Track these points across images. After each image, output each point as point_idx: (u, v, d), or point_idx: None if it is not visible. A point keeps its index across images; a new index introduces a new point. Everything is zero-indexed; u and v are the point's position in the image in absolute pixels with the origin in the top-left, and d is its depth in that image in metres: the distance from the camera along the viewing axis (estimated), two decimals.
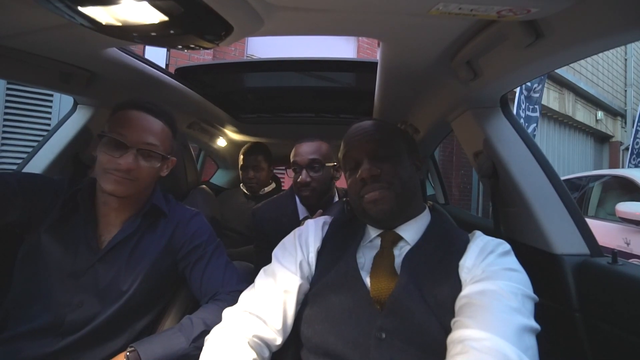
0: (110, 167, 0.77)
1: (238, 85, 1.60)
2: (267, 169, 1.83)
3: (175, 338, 0.75)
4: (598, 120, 8.12)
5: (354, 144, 0.76)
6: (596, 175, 3.75)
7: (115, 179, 0.77)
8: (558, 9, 0.54)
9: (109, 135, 0.78)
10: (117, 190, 0.78)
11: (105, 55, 0.91)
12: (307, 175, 1.20)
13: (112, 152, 0.77)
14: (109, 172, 0.77)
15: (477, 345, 0.49)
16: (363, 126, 0.78)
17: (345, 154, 0.78)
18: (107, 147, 0.78)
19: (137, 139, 0.79)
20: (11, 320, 0.75)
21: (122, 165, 0.76)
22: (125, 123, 0.79)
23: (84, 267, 0.77)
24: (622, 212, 2.80)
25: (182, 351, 0.73)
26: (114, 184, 0.77)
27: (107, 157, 0.77)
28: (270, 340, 0.66)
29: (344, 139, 0.79)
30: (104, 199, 0.83)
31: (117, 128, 0.79)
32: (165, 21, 0.55)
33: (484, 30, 0.69)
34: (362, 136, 0.75)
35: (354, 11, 0.61)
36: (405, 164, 0.74)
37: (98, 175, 0.79)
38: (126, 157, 0.77)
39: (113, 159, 0.77)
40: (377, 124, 0.78)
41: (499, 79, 0.80)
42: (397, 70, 0.93)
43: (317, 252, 0.75)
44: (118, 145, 0.78)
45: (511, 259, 0.64)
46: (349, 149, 0.77)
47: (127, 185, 0.79)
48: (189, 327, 0.76)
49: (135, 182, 0.80)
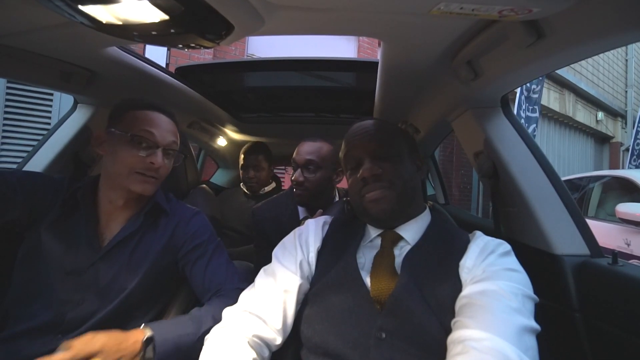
0: (139, 167, 0.77)
1: (238, 85, 1.60)
2: (268, 169, 1.83)
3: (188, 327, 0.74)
4: (598, 121, 8.11)
5: (355, 143, 0.76)
6: (596, 176, 3.75)
7: (144, 179, 0.78)
8: (559, 9, 0.54)
9: (138, 135, 0.78)
10: (146, 190, 0.79)
11: (106, 54, 0.91)
12: (300, 175, 1.19)
13: (139, 151, 0.78)
14: (138, 173, 0.78)
15: (478, 346, 0.49)
16: (364, 125, 0.77)
17: (346, 153, 0.78)
18: (131, 146, 0.77)
19: (163, 138, 0.81)
20: (11, 319, 0.75)
21: (154, 165, 0.78)
22: (150, 123, 0.80)
23: (86, 264, 0.77)
24: (622, 213, 2.80)
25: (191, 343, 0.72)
26: (143, 184, 0.79)
27: (135, 157, 0.77)
28: (270, 340, 0.66)
29: (345, 138, 0.79)
30: (111, 197, 0.82)
31: (141, 128, 0.79)
32: (166, 20, 0.55)
33: (485, 30, 0.69)
34: (364, 135, 0.75)
35: (355, 10, 0.61)
36: (406, 163, 0.74)
37: (121, 175, 0.78)
38: (156, 156, 0.79)
39: (142, 159, 0.78)
40: (378, 124, 0.78)
41: (500, 78, 0.80)
42: (398, 70, 0.93)
43: (317, 251, 0.75)
44: (145, 145, 0.78)
45: (511, 259, 0.64)
46: (350, 148, 0.77)
47: (154, 185, 0.81)
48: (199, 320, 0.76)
49: (158, 181, 0.82)
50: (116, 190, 0.81)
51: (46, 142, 1.13)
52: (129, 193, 0.80)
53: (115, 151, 0.78)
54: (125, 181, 0.78)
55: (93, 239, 0.80)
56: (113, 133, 0.79)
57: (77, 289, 0.76)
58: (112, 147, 0.79)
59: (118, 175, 0.79)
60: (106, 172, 0.83)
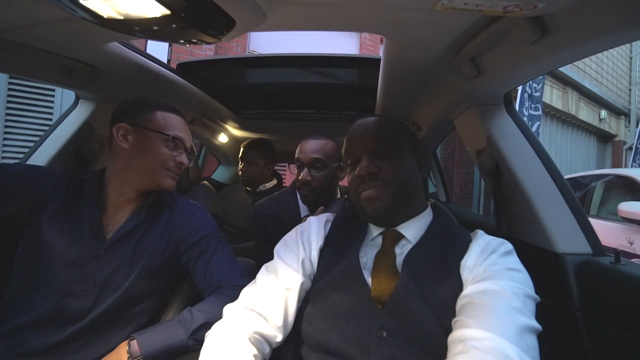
0: (170, 164, 0.86)
1: (240, 81, 1.60)
2: (263, 166, 1.81)
3: (175, 330, 0.75)
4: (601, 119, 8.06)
5: (355, 140, 0.76)
6: (599, 175, 3.73)
7: (172, 175, 0.87)
8: (565, 5, 0.53)
9: (177, 138, 0.87)
10: (171, 186, 0.88)
11: (107, 50, 0.90)
12: (308, 174, 1.18)
13: (172, 150, 0.86)
14: (169, 169, 0.86)
15: (478, 345, 0.48)
16: (365, 122, 0.77)
17: (346, 150, 0.78)
18: (166, 145, 0.85)
19: (188, 142, 0.91)
20: (12, 311, 0.75)
21: (185, 164, 0.89)
22: (178, 127, 0.89)
23: (90, 256, 0.78)
24: (624, 212, 2.78)
25: (181, 343, 0.74)
26: (171, 179, 0.88)
27: (168, 155, 0.85)
28: (271, 337, 0.66)
29: (347, 135, 0.79)
30: (122, 189, 0.84)
31: (172, 130, 0.87)
32: (168, 15, 0.55)
33: (488, 27, 0.68)
34: (363, 132, 0.75)
35: (358, 6, 0.61)
36: (405, 161, 0.73)
37: (153, 169, 0.84)
38: (183, 157, 0.89)
39: (173, 158, 0.86)
40: (379, 121, 0.77)
41: (503, 76, 0.79)
42: (400, 67, 0.93)
43: (319, 250, 0.75)
44: (177, 146, 0.87)
45: (513, 259, 0.63)
46: (350, 144, 0.76)
47: (175, 180, 0.90)
48: (189, 320, 0.77)
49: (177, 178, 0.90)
50: (131, 183, 0.84)
51: (48, 137, 1.13)
52: (149, 187, 0.85)
53: (147, 147, 0.84)
54: (156, 175, 0.85)
55: (98, 231, 0.80)
56: (146, 130, 0.84)
57: (79, 280, 0.76)
58: (143, 143, 0.83)
59: (147, 169, 0.84)
60: (125, 166, 0.83)
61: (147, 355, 0.71)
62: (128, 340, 0.73)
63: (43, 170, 0.85)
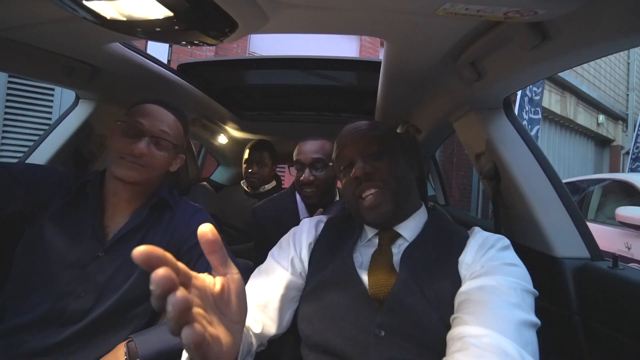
0: (124, 152, 0.80)
1: (240, 82, 1.60)
2: (271, 167, 1.83)
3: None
4: (599, 124, 8.11)
5: (347, 143, 0.76)
6: (596, 179, 3.75)
7: (127, 165, 0.80)
8: (565, 11, 0.53)
9: (126, 121, 0.81)
10: (127, 176, 0.80)
11: (108, 50, 0.90)
12: (310, 174, 1.20)
13: (128, 138, 0.81)
14: (122, 157, 0.80)
15: (477, 342, 0.48)
16: (355, 126, 0.78)
17: (338, 154, 0.78)
18: (123, 133, 0.81)
19: (151, 127, 0.82)
20: (8, 312, 0.75)
21: (136, 150, 0.79)
22: (142, 113, 0.83)
23: (90, 256, 0.78)
24: (621, 217, 2.80)
25: (179, 345, 0.73)
26: (126, 169, 0.80)
27: (122, 143, 0.80)
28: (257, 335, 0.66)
29: (337, 139, 0.79)
30: (114, 188, 0.83)
31: (134, 117, 0.82)
32: (170, 17, 0.55)
33: (489, 31, 0.68)
34: (355, 135, 0.75)
35: (360, 10, 0.61)
36: (399, 162, 0.74)
37: (111, 161, 0.81)
38: (141, 143, 0.80)
39: (127, 146, 0.80)
40: (369, 124, 0.78)
41: (503, 80, 0.80)
42: (400, 70, 0.93)
43: (309, 249, 0.75)
44: (134, 133, 0.81)
45: (510, 254, 0.63)
46: (342, 148, 0.77)
47: (138, 172, 0.81)
48: None
49: (146, 170, 0.82)
50: (113, 178, 0.83)
51: (47, 137, 1.13)
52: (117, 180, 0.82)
53: (112, 141, 0.83)
54: (112, 166, 0.81)
55: (98, 231, 0.80)
56: (117, 122, 0.83)
57: (80, 281, 0.76)
58: (113, 137, 0.83)
59: (110, 163, 0.82)
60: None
61: (145, 357, 0.71)
62: (126, 342, 0.73)
63: (46, 170, 0.85)
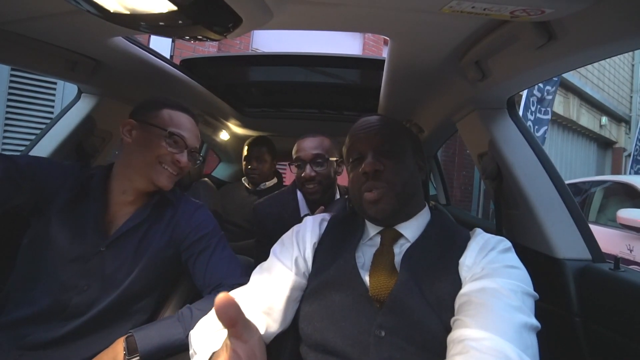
0: (166, 161, 0.83)
1: (243, 79, 1.59)
2: (270, 163, 1.83)
3: (174, 327, 0.76)
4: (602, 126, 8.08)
5: (360, 137, 0.75)
6: (598, 181, 3.74)
7: (168, 174, 0.84)
8: (573, 11, 0.53)
9: (175, 133, 0.83)
10: (167, 186, 0.84)
11: (111, 44, 0.90)
12: (311, 170, 1.20)
13: (172, 147, 0.83)
14: (165, 166, 0.83)
15: (477, 345, 0.48)
16: (370, 120, 0.77)
17: (350, 147, 0.77)
18: (165, 142, 0.83)
19: (192, 142, 0.88)
20: (11, 303, 0.75)
21: (182, 163, 0.84)
22: (183, 125, 0.86)
23: (92, 252, 0.78)
24: (623, 219, 2.79)
25: (179, 341, 0.74)
26: (168, 179, 0.84)
27: (164, 150, 0.82)
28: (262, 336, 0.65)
29: (350, 132, 0.79)
30: (124, 187, 0.84)
31: (175, 127, 0.84)
32: (174, 11, 0.55)
33: (495, 30, 0.68)
34: (369, 130, 0.75)
35: (364, 7, 0.60)
36: (408, 162, 0.73)
37: (149, 164, 0.82)
38: (182, 155, 0.84)
39: (170, 154, 0.83)
40: (384, 120, 0.77)
41: (508, 80, 0.79)
42: (404, 68, 0.92)
43: (313, 248, 0.74)
44: (177, 144, 0.84)
45: (511, 256, 0.63)
46: (355, 141, 0.76)
47: (173, 181, 0.85)
48: (188, 317, 0.77)
49: (177, 178, 0.86)
50: (132, 181, 0.83)
51: (49, 131, 1.13)
52: (147, 184, 0.83)
53: (147, 143, 0.82)
54: (151, 170, 0.82)
55: (101, 227, 0.80)
56: (148, 126, 0.83)
57: (83, 274, 0.77)
58: (144, 139, 0.83)
59: (145, 164, 0.82)
60: (128, 161, 0.84)
61: (144, 352, 0.71)
62: (126, 337, 0.73)
63: (52, 163, 0.85)
